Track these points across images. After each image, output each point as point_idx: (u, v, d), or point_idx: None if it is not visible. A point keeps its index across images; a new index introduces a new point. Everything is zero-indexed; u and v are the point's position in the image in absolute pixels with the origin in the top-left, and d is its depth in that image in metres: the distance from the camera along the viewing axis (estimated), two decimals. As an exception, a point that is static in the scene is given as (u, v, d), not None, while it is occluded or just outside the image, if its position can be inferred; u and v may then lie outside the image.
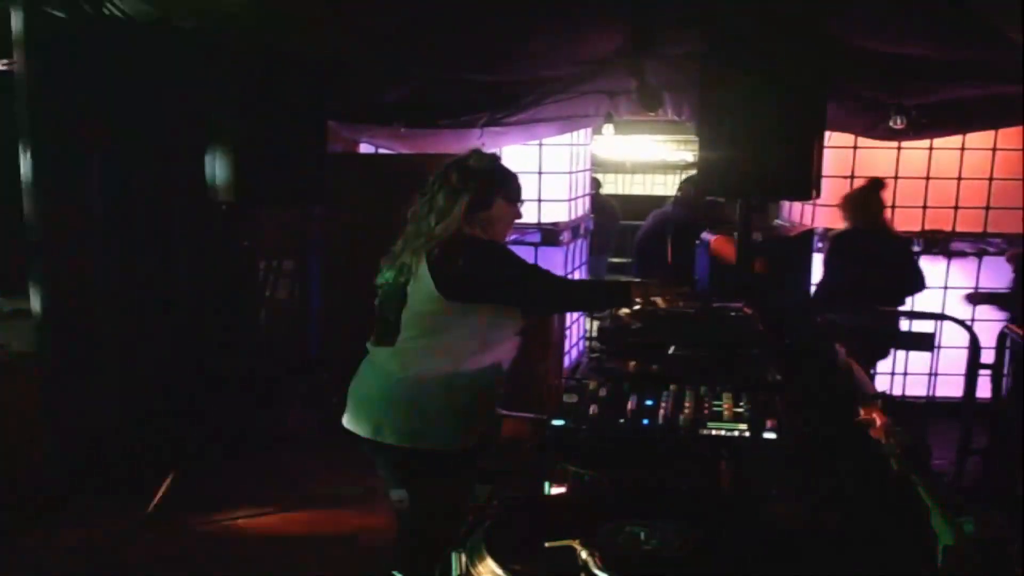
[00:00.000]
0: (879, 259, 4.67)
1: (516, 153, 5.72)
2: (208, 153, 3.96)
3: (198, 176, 4.05)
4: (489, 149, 3.08)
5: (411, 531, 2.56)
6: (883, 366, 5.32)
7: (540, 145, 5.88)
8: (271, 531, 3.98)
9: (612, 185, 11.86)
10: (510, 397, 2.66)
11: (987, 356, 4.39)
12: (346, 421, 2.54)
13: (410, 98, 4.73)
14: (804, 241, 4.83)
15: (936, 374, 5.56)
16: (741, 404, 2.06)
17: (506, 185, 2.55)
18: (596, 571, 1.14)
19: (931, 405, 5.32)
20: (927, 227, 5.75)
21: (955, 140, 5.58)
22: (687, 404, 2.06)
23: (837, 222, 5.79)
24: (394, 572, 2.53)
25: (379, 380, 2.50)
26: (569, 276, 6.34)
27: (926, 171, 5.71)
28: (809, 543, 1.26)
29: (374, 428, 2.46)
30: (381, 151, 5.93)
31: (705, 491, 1.57)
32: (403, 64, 4.20)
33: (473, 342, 2.46)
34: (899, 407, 1.96)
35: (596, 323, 4.06)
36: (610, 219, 8.12)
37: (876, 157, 5.70)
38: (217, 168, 3.93)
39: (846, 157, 5.72)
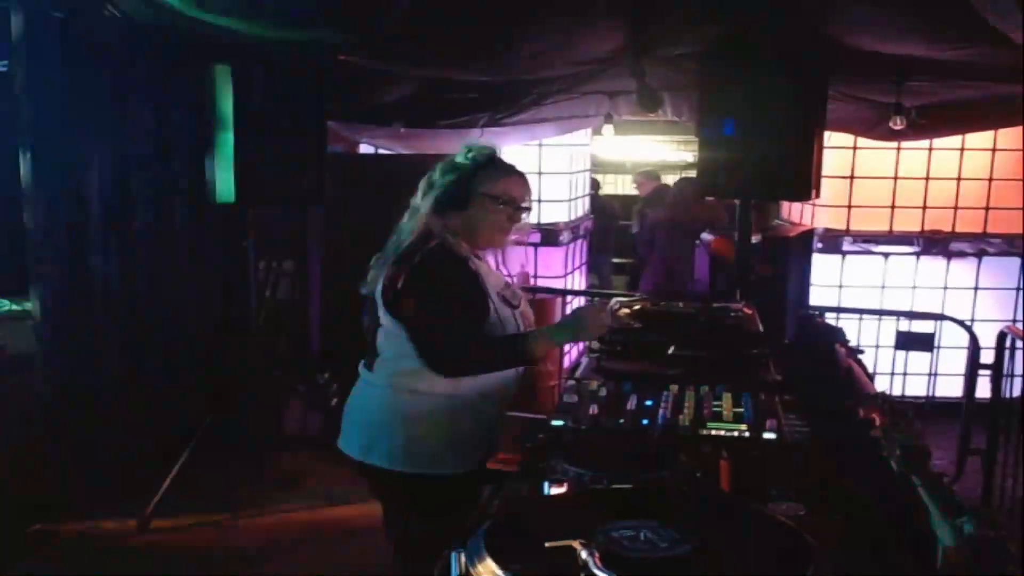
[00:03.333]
0: None
1: (516, 153, 5.73)
2: (208, 153, 3.96)
3: (198, 176, 4.05)
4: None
5: (401, 556, 2.40)
6: (883, 366, 5.33)
7: (540, 146, 5.88)
8: (271, 531, 3.98)
9: (612, 186, 11.87)
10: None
11: (987, 356, 4.39)
12: (339, 442, 2.40)
13: (410, 98, 4.73)
14: (804, 241, 4.82)
15: (936, 374, 5.55)
16: (741, 404, 2.07)
17: (489, 180, 2.24)
18: (596, 571, 1.14)
19: (931, 405, 5.32)
20: (927, 227, 5.75)
21: (955, 140, 5.58)
22: (687, 404, 2.06)
23: (838, 222, 5.81)
24: None
25: (368, 401, 2.34)
26: (568, 276, 6.35)
27: (926, 171, 5.71)
28: (809, 543, 1.26)
29: (363, 450, 2.31)
30: (381, 151, 5.93)
31: (705, 491, 1.57)
32: (403, 64, 4.19)
33: None
34: (899, 407, 1.96)
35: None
36: (611, 220, 8.15)
37: (876, 157, 5.70)
38: (217, 168, 3.93)
39: (846, 157, 5.72)
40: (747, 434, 1.88)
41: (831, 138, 5.29)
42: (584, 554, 1.17)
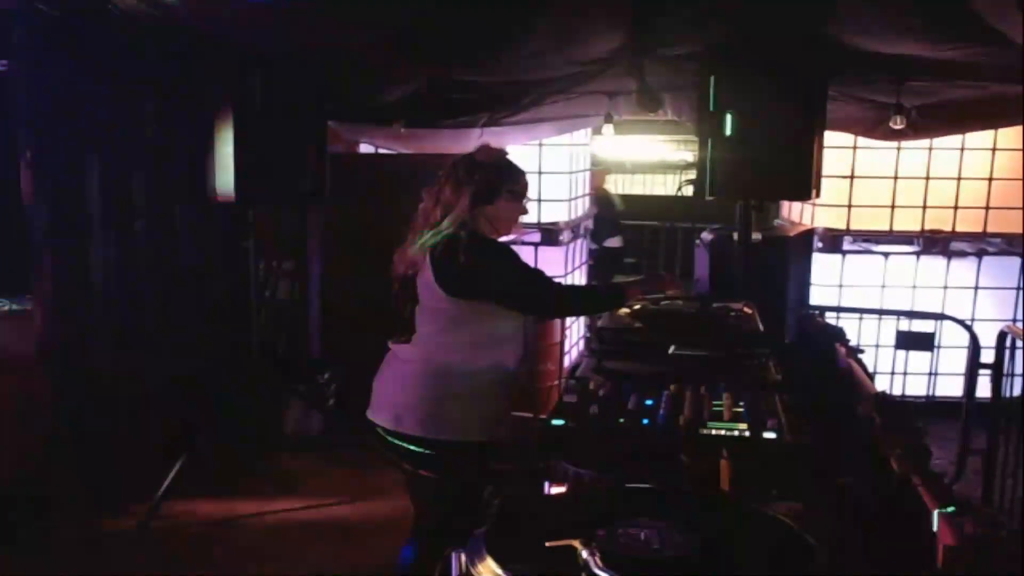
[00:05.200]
0: None
1: (516, 153, 5.70)
2: (208, 153, 3.96)
3: (198, 176, 4.05)
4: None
5: (425, 523, 2.58)
6: (883, 366, 5.33)
7: (540, 145, 5.88)
8: (271, 530, 3.98)
9: (611, 186, 11.86)
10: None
11: (987, 356, 4.39)
12: (369, 413, 2.60)
13: (410, 98, 4.72)
14: (804, 241, 4.82)
15: (936, 374, 5.56)
16: (741, 404, 2.07)
17: (511, 180, 2.58)
18: (596, 571, 1.14)
19: (931, 405, 5.31)
20: (927, 227, 5.74)
21: (955, 140, 5.57)
22: (687, 404, 2.06)
23: (838, 222, 5.81)
24: None
25: (400, 373, 2.56)
26: (569, 276, 6.35)
27: (926, 171, 5.70)
28: (809, 543, 1.26)
29: (395, 418, 2.51)
30: (381, 151, 5.93)
31: (705, 491, 1.57)
32: (403, 64, 4.19)
33: (487, 337, 2.50)
34: (899, 407, 1.96)
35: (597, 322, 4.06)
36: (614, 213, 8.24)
37: (876, 157, 5.70)
38: (217, 168, 3.93)
39: (846, 157, 5.72)
40: (747, 434, 1.89)
41: (831, 138, 5.29)
42: (584, 554, 1.17)
